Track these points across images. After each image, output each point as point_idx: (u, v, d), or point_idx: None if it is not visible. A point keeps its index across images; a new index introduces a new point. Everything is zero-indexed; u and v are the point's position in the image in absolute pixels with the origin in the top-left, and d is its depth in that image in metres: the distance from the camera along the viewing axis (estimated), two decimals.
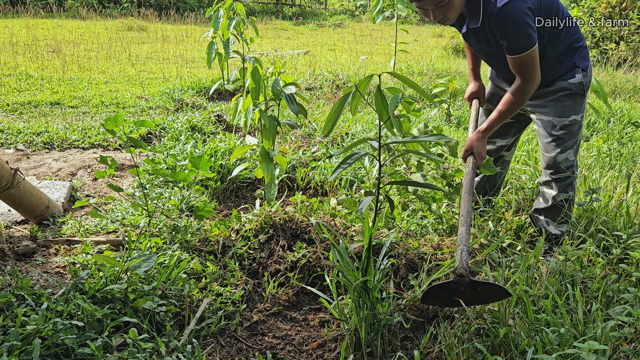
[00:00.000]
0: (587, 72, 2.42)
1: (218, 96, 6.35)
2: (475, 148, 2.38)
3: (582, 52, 2.43)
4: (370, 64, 8.89)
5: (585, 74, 2.41)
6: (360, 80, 1.81)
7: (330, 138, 4.31)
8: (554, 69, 2.41)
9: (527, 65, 2.23)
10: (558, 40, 2.37)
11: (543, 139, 2.50)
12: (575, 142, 2.47)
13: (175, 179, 2.64)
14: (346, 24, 16.24)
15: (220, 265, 2.39)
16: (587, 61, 2.44)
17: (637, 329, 1.78)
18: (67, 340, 1.69)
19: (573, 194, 2.55)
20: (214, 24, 4.99)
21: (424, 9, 2.20)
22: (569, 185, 2.51)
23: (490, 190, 2.90)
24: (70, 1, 14.96)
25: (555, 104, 2.43)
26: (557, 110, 2.43)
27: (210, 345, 1.97)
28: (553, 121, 2.44)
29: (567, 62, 2.40)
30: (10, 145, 4.11)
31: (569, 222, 2.58)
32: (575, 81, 2.40)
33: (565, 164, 2.46)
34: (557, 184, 2.52)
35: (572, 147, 2.47)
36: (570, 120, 2.43)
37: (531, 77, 2.25)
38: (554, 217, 2.57)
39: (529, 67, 2.23)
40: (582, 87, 2.41)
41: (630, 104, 6.26)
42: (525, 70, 2.24)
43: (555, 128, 2.44)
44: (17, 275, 2.07)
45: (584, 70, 2.41)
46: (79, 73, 7.35)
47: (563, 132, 2.44)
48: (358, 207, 2.14)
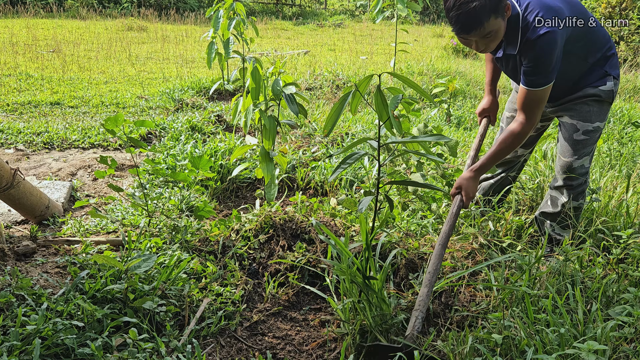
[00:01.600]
0: (618, 80, 2.38)
1: (218, 96, 6.35)
2: (464, 187, 2.27)
3: (613, 60, 2.38)
4: (370, 64, 8.89)
5: (617, 82, 2.37)
6: (360, 80, 1.81)
7: (330, 138, 4.31)
8: (583, 78, 2.36)
9: (534, 104, 2.19)
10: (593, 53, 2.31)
11: (562, 141, 2.45)
12: (592, 149, 2.44)
13: (175, 179, 2.64)
14: (346, 24, 16.24)
15: (220, 265, 2.39)
16: (618, 69, 2.39)
17: (637, 329, 1.78)
18: (67, 340, 1.69)
19: (583, 202, 2.52)
20: (214, 24, 4.99)
21: (467, 40, 2.15)
22: (580, 194, 2.49)
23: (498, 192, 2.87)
24: (70, 1, 14.96)
25: (582, 107, 2.38)
26: (582, 115, 2.38)
27: (210, 345, 1.97)
28: (577, 125, 2.39)
29: (597, 70, 2.34)
30: (10, 145, 4.11)
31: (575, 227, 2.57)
32: (606, 88, 2.34)
33: (580, 170, 2.43)
34: (568, 190, 2.49)
35: (589, 154, 2.43)
36: (594, 126, 2.38)
37: (533, 117, 2.22)
38: (560, 222, 2.55)
39: (535, 106, 2.20)
40: (611, 95, 2.36)
41: (630, 104, 6.26)
42: (531, 107, 2.21)
43: (577, 132, 2.39)
44: (17, 275, 2.07)
45: (615, 78, 2.36)
46: (79, 73, 7.35)
47: (584, 137, 2.39)
48: (358, 207, 2.14)
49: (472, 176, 2.28)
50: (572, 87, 2.37)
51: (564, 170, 2.46)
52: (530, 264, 2.10)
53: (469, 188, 2.27)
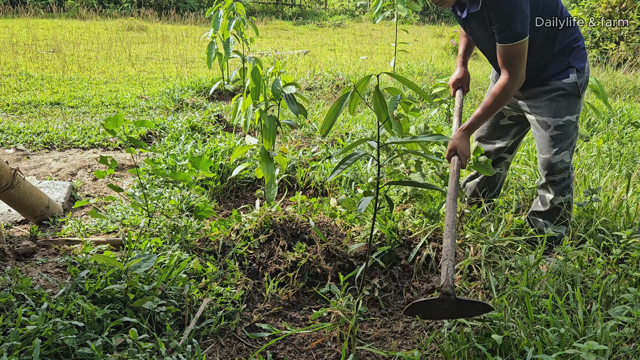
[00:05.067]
0: (582, 72, 2.41)
1: (218, 96, 6.35)
2: (458, 147, 2.33)
3: (579, 53, 2.42)
4: (370, 64, 8.89)
5: (581, 75, 2.40)
6: (358, 81, 1.81)
7: (330, 138, 4.31)
8: (549, 66, 2.40)
9: (514, 58, 2.20)
10: (556, 39, 2.36)
11: (538, 139, 2.50)
12: (570, 143, 2.47)
13: (175, 179, 2.64)
14: (346, 24, 16.23)
15: (220, 266, 2.39)
16: (584, 62, 2.42)
17: (637, 329, 1.78)
18: (67, 340, 1.69)
19: (571, 196, 2.54)
20: (214, 24, 4.99)
21: None
22: (565, 188, 2.51)
23: (491, 191, 2.90)
24: (70, 1, 14.96)
25: (550, 104, 2.43)
26: (551, 111, 2.43)
27: (210, 345, 1.97)
28: (547, 121, 2.44)
29: (562, 61, 2.39)
30: (10, 145, 4.11)
31: (568, 223, 2.58)
32: (570, 81, 2.38)
33: (560, 166, 2.46)
34: (553, 187, 2.52)
35: (567, 148, 2.47)
36: (564, 120, 2.42)
37: (517, 71, 2.23)
38: (552, 219, 2.58)
39: (516, 60, 2.20)
40: (576, 88, 2.40)
41: (630, 104, 6.26)
42: (512, 62, 2.21)
43: (549, 128, 2.44)
44: (17, 275, 2.07)
45: (579, 71, 2.39)
46: (79, 73, 7.35)
47: (557, 132, 2.44)
48: (357, 207, 2.14)
49: (463, 135, 2.33)
50: (538, 75, 2.40)
51: (544, 167, 2.50)
52: (531, 265, 2.10)
53: (463, 147, 2.33)
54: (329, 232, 2.59)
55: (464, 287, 2.25)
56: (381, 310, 2.27)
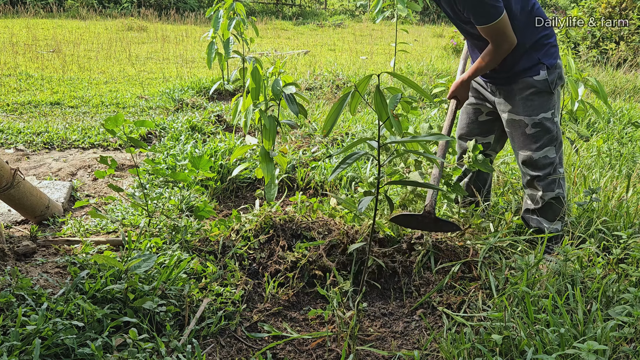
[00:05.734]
0: (552, 69, 2.45)
1: (218, 96, 6.35)
2: (458, 93, 2.53)
3: (550, 50, 2.46)
4: (370, 64, 8.89)
5: (551, 71, 2.44)
6: (359, 81, 1.81)
7: (330, 138, 4.31)
8: (520, 61, 2.45)
9: (498, 34, 2.28)
10: (526, 34, 2.41)
11: (517, 138, 2.53)
12: (551, 138, 2.49)
13: (175, 179, 2.64)
14: (346, 24, 16.23)
15: (220, 266, 2.39)
16: (554, 59, 2.47)
17: (637, 329, 1.78)
18: (67, 340, 1.69)
19: (561, 191, 2.55)
20: (214, 24, 4.99)
21: None
22: (552, 183, 2.51)
23: (478, 190, 2.90)
24: (70, 1, 14.96)
25: (524, 103, 2.47)
26: (526, 110, 2.47)
27: (210, 345, 1.97)
28: (524, 120, 2.48)
29: (533, 57, 2.43)
30: (10, 145, 4.11)
31: (564, 219, 2.59)
32: (540, 78, 2.43)
33: (544, 162, 2.48)
34: (538, 182, 2.53)
35: (550, 144, 2.48)
36: (539, 118, 2.46)
37: (503, 44, 2.32)
38: (545, 216, 2.58)
39: (499, 36, 2.29)
40: (547, 85, 2.44)
41: (630, 104, 6.26)
42: (496, 38, 2.30)
43: (527, 127, 2.48)
44: (17, 275, 2.07)
45: (549, 67, 2.44)
46: (79, 73, 7.35)
47: (535, 130, 2.47)
48: (357, 207, 2.14)
49: (462, 82, 2.52)
50: (510, 70, 2.46)
51: (526, 164, 2.52)
52: (531, 266, 2.10)
53: (463, 93, 2.55)
54: (330, 230, 2.59)
55: (464, 288, 2.25)
56: (381, 310, 2.27)
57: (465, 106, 2.82)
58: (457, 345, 1.82)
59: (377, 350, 1.94)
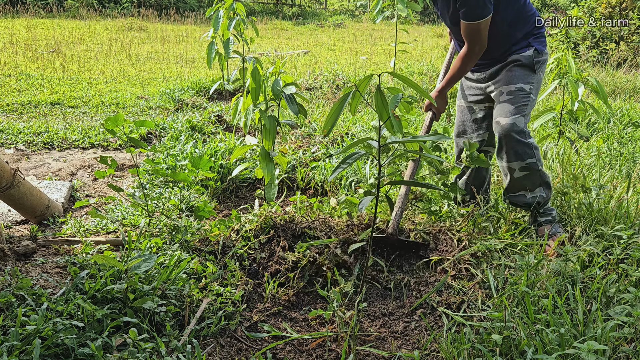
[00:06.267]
0: (540, 54, 2.57)
1: (218, 96, 6.35)
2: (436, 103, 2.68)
3: (540, 39, 2.61)
4: (370, 64, 8.89)
5: (538, 54, 2.56)
6: (360, 80, 1.81)
7: (330, 138, 4.31)
8: (513, 46, 2.59)
9: (476, 33, 2.43)
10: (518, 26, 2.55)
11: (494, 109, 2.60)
12: (521, 110, 2.50)
13: (175, 179, 2.64)
14: (346, 24, 16.24)
15: (220, 266, 2.39)
16: (543, 47, 2.59)
17: (637, 329, 1.78)
18: (67, 340, 1.69)
19: (534, 162, 2.53)
20: (214, 24, 4.99)
21: None
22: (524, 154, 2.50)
23: (479, 188, 2.91)
24: (70, 1, 14.96)
25: (506, 74, 2.59)
26: (506, 79, 2.57)
27: (210, 345, 1.97)
28: (501, 89, 2.57)
29: (524, 42, 2.58)
30: (10, 145, 4.11)
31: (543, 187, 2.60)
32: (527, 54, 2.56)
33: (513, 128, 2.47)
34: (507, 152, 2.53)
35: (519, 114, 2.50)
36: (516, 87, 2.53)
37: (478, 44, 2.46)
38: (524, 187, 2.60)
39: (477, 35, 2.44)
40: (531, 61, 2.55)
41: (630, 104, 6.26)
42: (474, 37, 2.45)
43: (502, 95, 2.56)
44: (17, 275, 2.07)
45: (537, 51, 2.56)
46: (79, 73, 7.35)
47: (508, 97, 2.54)
48: (357, 207, 2.14)
49: (438, 95, 2.69)
50: (500, 56, 2.61)
51: (496, 130, 2.56)
52: (532, 266, 2.10)
53: (440, 103, 2.70)
54: (331, 229, 2.59)
55: (463, 286, 2.25)
56: (381, 310, 2.27)
57: (459, 106, 2.90)
58: (457, 345, 1.82)
59: (377, 351, 1.94)
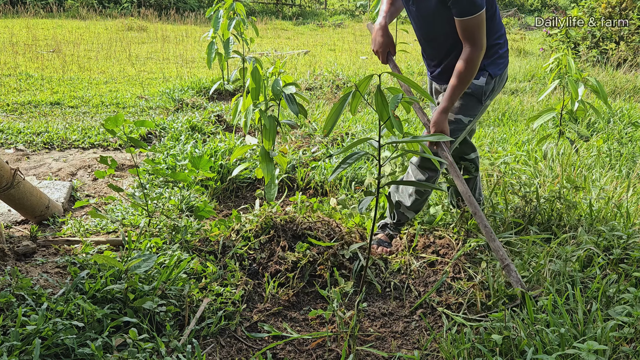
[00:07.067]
0: (492, 79, 2.40)
1: (218, 96, 6.35)
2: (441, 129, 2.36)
3: (498, 60, 2.42)
4: (371, 64, 8.89)
5: (489, 81, 2.40)
6: (360, 80, 1.81)
7: (330, 138, 4.31)
8: None
9: (476, 29, 2.21)
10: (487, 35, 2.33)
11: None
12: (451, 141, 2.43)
13: (175, 179, 2.64)
14: (346, 24, 16.24)
15: (220, 266, 2.39)
16: (500, 70, 2.42)
17: (637, 329, 1.78)
18: (67, 340, 1.69)
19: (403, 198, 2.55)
20: (214, 24, 4.99)
21: None
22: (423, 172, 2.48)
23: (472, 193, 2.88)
24: (70, 1, 14.96)
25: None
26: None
27: (210, 345, 1.97)
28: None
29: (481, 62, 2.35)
30: (10, 145, 4.11)
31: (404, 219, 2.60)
32: (477, 83, 2.39)
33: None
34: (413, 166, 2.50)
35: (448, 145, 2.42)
36: (455, 117, 2.41)
37: (480, 41, 2.24)
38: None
39: (478, 31, 2.22)
40: (480, 91, 2.40)
41: (630, 104, 6.26)
42: (474, 33, 2.22)
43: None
44: (17, 275, 2.07)
45: (491, 76, 2.39)
46: (79, 73, 7.35)
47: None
48: (357, 207, 2.14)
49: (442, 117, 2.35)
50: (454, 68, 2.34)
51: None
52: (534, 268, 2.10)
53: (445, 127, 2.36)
54: (332, 229, 2.59)
55: (462, 287, 2.25)
56: (381, 310, 2.27)
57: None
58: (457, 345, 1.82)
59: (377, 351, 1.94)
